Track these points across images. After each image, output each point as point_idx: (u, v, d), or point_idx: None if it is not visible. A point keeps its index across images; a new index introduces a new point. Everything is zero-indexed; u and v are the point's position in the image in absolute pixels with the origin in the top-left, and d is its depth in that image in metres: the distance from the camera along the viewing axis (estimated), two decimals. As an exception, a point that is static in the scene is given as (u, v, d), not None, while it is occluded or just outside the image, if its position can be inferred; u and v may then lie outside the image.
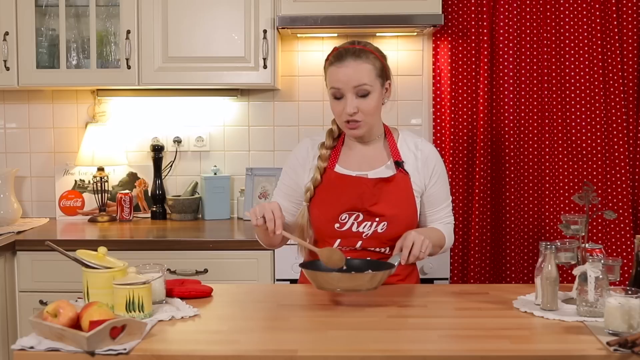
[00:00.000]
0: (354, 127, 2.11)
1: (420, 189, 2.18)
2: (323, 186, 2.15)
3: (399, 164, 2.15)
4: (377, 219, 2.11)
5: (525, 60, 3.36)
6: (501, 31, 3.34)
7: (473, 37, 3.37)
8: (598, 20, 3.30)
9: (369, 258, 2.08)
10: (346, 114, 2.08)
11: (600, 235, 3.34)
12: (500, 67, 3.35)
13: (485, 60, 3.33)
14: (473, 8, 3.35)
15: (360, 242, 2.12)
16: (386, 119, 2.27)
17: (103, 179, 3.42)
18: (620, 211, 3.31)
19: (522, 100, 3.37)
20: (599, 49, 3.30)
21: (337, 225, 2.12)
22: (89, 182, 3.49)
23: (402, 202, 2.14)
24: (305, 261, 2.16)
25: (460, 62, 3.39)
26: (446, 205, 2.25)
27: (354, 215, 2.11)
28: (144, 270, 1.85)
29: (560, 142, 3.35)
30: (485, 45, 3.33)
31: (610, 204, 3.32)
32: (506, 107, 3.36)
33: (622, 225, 3.31)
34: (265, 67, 3.17)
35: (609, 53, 3.32)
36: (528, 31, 3.35)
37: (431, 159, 2.20)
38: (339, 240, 2.13)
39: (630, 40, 3.31)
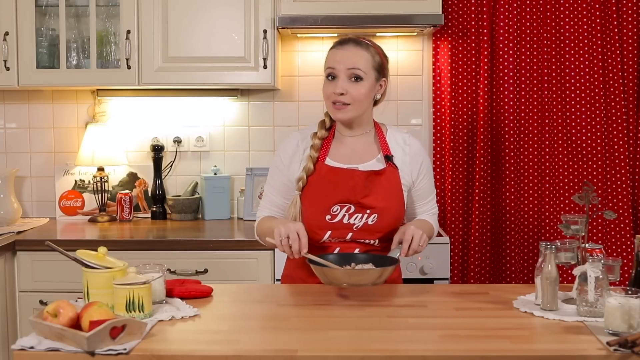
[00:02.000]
0: (340, 108, 2.12)
1: (408, 183, 2.21)
2: (314, 178, 2.16)
3: (389, 157, 2.18)
4: (368, 211, 2.13)
5: (525, 60, 3.36)
6: (501, 31, 3.34)
7: (473, 37, 3.37)
8: (598, 21, 3.30)
9: (357, 250, 2.12)
10: (335, 93, 2.10)
11: (600, 235, 3.34)
12: (500, 67, 3.35)
13: (485, 60, 3.33)
14: (473, 8, 3.35)
15: (350, 234, 2.14)
16: (387, 119, 2.28)
17: (103, 179, 3.42)
18: (620, 211, 3.31)
19: (522, 100, 3.37)
20: (599, 49, 3.30)
21: (328, 217, 2.13)
22: (89, 182, 3.49)
23: (392, 195, 2.16)
24: (311, 257, 2.11)
25: (460, 62, 3.39)
26: (432, 197, 2.31)
27: (345, 207, 2.13)
28: (144, 270, 1.85)
29: (560, 142, 3.35)
30: (485, 45, 3.33)
31: (610, 204, 3.32)
32: (506, 107, 3.36)
33: (622, 225, 3.31)
34: (265, 67, 3.18)
35: (609, 53, 3.32)
36: (528, 31, 3.35)
37: (419, 154, 2.23)
38: (329, 232, 2.14)
39: (630, 40, 3.31)
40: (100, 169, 3.43)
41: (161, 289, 1.86)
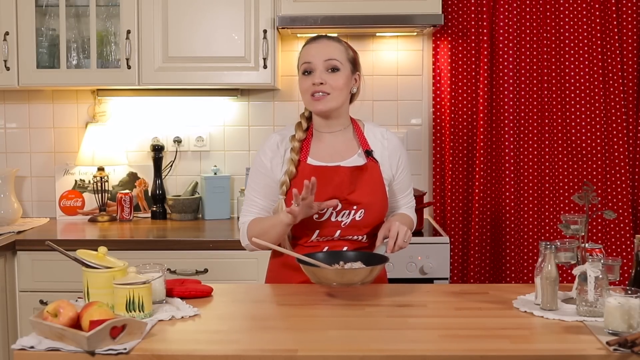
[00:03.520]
0: (320, 98, 2.13)
1: (389, 176, 2.23)
2: (298, 179, 2.14)
3: (369, 152, 2.19)
4: (354, 207, 2.13)
5: (525, 60, 3.36)
6: (501, 31, 3.34)
7: (473, 37, 3.37)
8: (598, 20, 3.30)
9: (345, 248, 2.12)
10: (314, 84, 2.11)
11: (600, 235, 3.34)
12: (500, 67, 3.35)
13: (485, 60, 3.33)
14: (473, 8, 3.35)
15: (338, 232, 2.14)
16: (387, 119, 2.29)
17: (103, 179, 3.42)
18: (620, 211, 3.31)
19: (522, 100, 3.37)
20: (599, 49, 3.30)
21: (316, 216, 2.13)
22: (89, 182, 3.49)
23: (376, 189, 2.17)
24: (301, 257, 2.10)
25: (460, 62, 3.39)
26: (410, 190, 2.34)
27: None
28: (144, 270, 1.85)
29: (560, 142, 3.35)
30: (485, 45, 3.33)
31: (610, 204, 3.32)
32: (506, 107, 3.36)
33: (622, 225, 3.32)
34: (265, 67, 3.18)
35: (608, 53, 3.32)
36: (528, 31, 3.35)
37: (397, 148, 2.25)
38: (317, 231, 2.14)
39: (630, 40, 3.31)
40: (101, 169, 3.43)
41: (161, 289, 1.86)
